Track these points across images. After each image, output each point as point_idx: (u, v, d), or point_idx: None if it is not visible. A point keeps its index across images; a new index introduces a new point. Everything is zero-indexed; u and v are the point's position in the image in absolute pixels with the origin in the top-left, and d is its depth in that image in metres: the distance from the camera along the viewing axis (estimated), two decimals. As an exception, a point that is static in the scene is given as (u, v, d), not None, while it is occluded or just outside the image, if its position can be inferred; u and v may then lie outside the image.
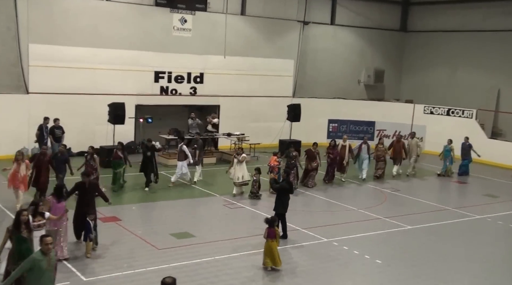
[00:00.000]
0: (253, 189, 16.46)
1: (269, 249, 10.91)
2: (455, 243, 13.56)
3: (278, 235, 11.06)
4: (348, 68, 29.59)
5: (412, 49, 31.24)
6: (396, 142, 21.00)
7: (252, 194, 16.44)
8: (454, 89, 28.85)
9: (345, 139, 19.80)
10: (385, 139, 22.57)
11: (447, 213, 16.14)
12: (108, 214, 14.12)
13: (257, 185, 16.45)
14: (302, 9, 26.93)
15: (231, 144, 22.80)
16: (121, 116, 19.74)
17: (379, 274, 11.30)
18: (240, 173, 16.49)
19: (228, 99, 24.48)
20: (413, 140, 21.44)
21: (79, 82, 21.07)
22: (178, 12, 23.39)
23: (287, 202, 12.95)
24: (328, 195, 17.56)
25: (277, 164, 17.14)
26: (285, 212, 12.87)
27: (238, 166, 16.54)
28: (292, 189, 13.35)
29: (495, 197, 18.65)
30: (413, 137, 21.75)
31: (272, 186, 13.99)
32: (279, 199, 12.90)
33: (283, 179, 13.64)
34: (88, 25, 21.44)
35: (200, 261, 11.24)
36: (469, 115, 25.47)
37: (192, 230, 13.26)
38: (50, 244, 7.84)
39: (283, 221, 12.87)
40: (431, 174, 21.65)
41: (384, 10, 30.57)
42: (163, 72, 23.14)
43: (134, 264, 10.94)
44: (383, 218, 15.21)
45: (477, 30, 27.99)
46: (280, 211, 12.79)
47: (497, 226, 15.13)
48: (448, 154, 21.17)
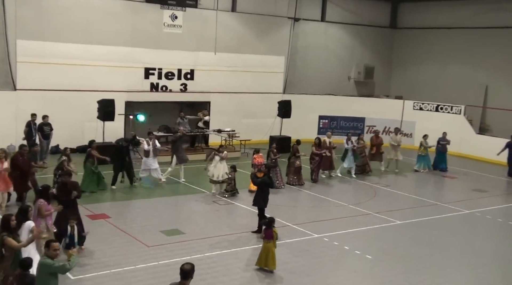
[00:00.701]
0: (229, 187, 16.26)
1: (265, 250, 10.78)
2: (445, 237, 13.65)
3: (275, 237, 10.87)
4: (338, 64, 29.67)
5: (401, 46, 31.38)
6: (375, 138, 21.03)
7: (228, 192, 16.23)
8: (443, 85, 29.04)
9: (329, 135, 19.76)
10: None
11: (437, 208, 16.26)
12: (97, 212, 14.09)
13: (233, 183, 16.27)
14: (293, 6, 26.93)
15: (222, 140, 22.79)
16: (110, 112, 19.65)
17: (370, 269, 11.36)
18: (221, 171, 16.30)
19: (219, 95, 24.43)
20: (397, 136, 21.56)
21: (68, 79, 20.92)
22: (168, 9, 23.29)
23: (267, 196, 13.02)
24: (318, 191, 17.60)
25: (262, 162, 17.03)
26: (265, 207, 12.94)
27: (220, 163, 16.39)
28: (272, 184, 13.42)
29: (484, 192, 18.80)
30: (397, 133, 21.87)
31: (253, 181, 14.00)
32: (260, 193, 12.95)
33: (264, 174, 13.64)
34: (77, 21, 21.28)
35: (191, 258, 11.19)
36: (458, 111, 25.64)
37: (182, 227, 13.25)
38: (58, 250, 7.65)
39: (263, 216, 12.87)
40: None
41: (374, 7, 30.66)
42: (154, 69, 23.04)
43: (124, 261, 10.91)
44: (373, 213, 15.28)
45: (466, 27, 28.17)
46: (261, 206, 12.89)
47: (486, 221, 15.27)
48: (426, 149, 21.45)
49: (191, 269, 7.09)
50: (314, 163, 18.70)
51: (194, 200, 15.93)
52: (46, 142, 18.99)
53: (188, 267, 7.08)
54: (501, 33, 26.76)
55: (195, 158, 20.78)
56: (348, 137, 20.02)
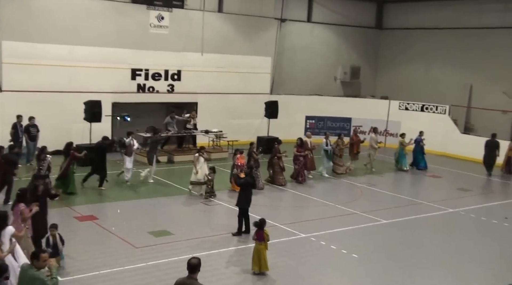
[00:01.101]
0: (208, 188, 16.15)
1: (257, 252, 10.75)
2: (430, 236, 13.85)
3: (267, 238, 10.78)
4: (324, 65, 29.86)
5: (387, 46, 31.67)
6: (355, 137, 21.23)
7: (207, 194, 16.11)
8: (428, 85, 29.35)
9: (309, 135, 19.77)
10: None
11: (422, 207, 16.46)
12: (85, 213, 14.09)
13: (212, 184, 16.18)
14: (279, 7, 27.06)
15: (209, 141, 22.85)
16: (97, 114, 19.62)
17: (356, 268, 11.51)
18: (204, 171, 16.25)
19: (206, 96, 24.49)
20: (376, 135, 21.81)
21: (55, 80, 20.85)
22: (155, 9, 23.29)
23: (250, 197, 13.08)
24: (305, 191, 17.73)
25: (244, 162, 17.01)
26: (248, 207, 13.01)
27: (204, 164, 16.34)
28: (255, 184, 13.43)
29: (468, 191, 19.07)
30: (375, 132, 22.12)
31: (236, 181, 14.06)
32: (243, 194, 13.00)
33: (247, 174, 13.68)
34: (63, 22, 21.20)
35: (179, 259, 11.26)
36: (443, 111, 25.93)
37: (170, 227, 13.30)
38: (47, 261, 7.40)
39: (246, 216, 12.98)
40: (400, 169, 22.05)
41: (360, 8, 30.90)
42: (140, 70, 23.01)
43: (112, 263, 10.94)
44: (359, 213, 15.44)
45: (450, 27, 28.50)
46: (244, 206, 12.94)
47: (470, 219, 15.50)
48: (402, 149, 21.63)
49: (198, 263, 7.25)
50: (299, 163, 18.71)
51: (182, 201, 15.98)
52: (33, 143, 18.91)
53: (195, 261, 7.24)
54: (484, 33, 27.12)
55: (183, 159, 20.84)
56: (326, 136, 20.11)
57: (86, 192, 16.18)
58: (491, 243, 13.49)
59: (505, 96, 26.55)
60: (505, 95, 26.56)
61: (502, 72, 26.70)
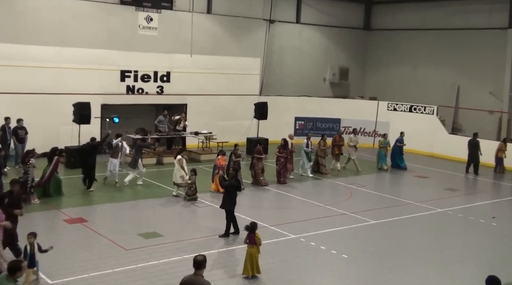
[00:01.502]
0: (190, 191, 15.97)
1: (250, 256, 10.61)
2: (419, 236, 13.97)
3: (258, 242, 10.61)
4: (313, 66, 29.98)
5: (375, 47, 31.86)
6: (338, 137, 21.33)
7: (188, 197, 15.93)
8: (416, 86, 29.60)
9: (291, 136, 19.66)
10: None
11: (410, 207, 16.59)
12: (74, 216, 14.04)
13: (194, 187, 16.01)
14: (268, 8, 27.13)
15: (199, 142, 22.84)
16: (86, 115, 19.54)
17: (346, 269, 11.58)
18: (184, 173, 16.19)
19: (195, 97, 24.48)
20: (355, 136, 21.86)
21: (43, 82, 20.74)
22: (143, 11, 23.27)
23: (235, 199, 13.04)
24: (294, 192, 17.80)
25: (224, 164, 16.94)
26: (233, 209, 12.99)
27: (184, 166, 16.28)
28: (240, 187, 13.36)
29: (455, 191, 19.24)
30: (356, 133, 22.19)
31: (221, 183, 14.03)
32: (228, 196, 12.97)
33: (232, 176, 13.63)
34: (52, 24, 21.13)
35: (169, 261, 11.30)
36: (431, 111, 26.13)
37: (160, 229, 13.29)
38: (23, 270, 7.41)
39: (233, 218, 12.98)
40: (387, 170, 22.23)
41: (348, 9, 31.06)
42: (129, 71, 22.94)
43: (102, 265, 10.91)
44: (348, 213, 15.52)
45: (438, 28, 28.76)
46: (229, 208, 12.93)
47: (457, 219, 15.64)
48: (385, 147, 21.85)
49: (203, 259, 7.33)
50: (280, 164, 18.73)
51: (172, 202, 15.95)
52: (21, 146, 18.81)
53: (200, 258, 7.32)
54: (471, 34, 27.40)
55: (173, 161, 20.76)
56: (307, 137, 20.14)
57: (75, 195, 16.10)
58: (479, 243, 13.63)
59: (492, 97, 26.84)
60: (492, 96, 26.84)
61: (489, 73, 27.00)
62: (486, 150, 22.06)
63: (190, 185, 16.00)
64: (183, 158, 16.46)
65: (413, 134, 25.65)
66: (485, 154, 22.01)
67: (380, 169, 21.87)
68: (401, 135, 22.39)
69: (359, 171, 21.27)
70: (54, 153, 15.83)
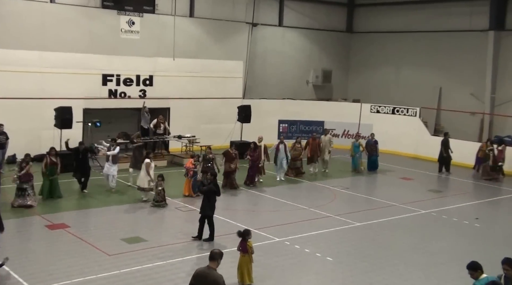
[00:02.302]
0: (158, 197, 15.56)
1: (243, 264, 10.31)
2: (403, 237, 14.02)
3: (250, 250, 10.27)
4: (296, 69, 30.06)
5: (358, 50, 32.05)
6: (312, 140, 21.15)
7: (156, 203, 15.55)
8: (398, 88, 29.84)
9: (260, 139, 19.38)
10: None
11: (394, 209, 16.65)
12: (56, 221, 13.86)
13: (162, 193, 15.60)
14: (251, 11, 27.15)
15: (182, 146, 22.71)
16: (68, 120, 19.33)
17: (331, 271, 11.56)
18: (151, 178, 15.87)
19: (178, 101, 24.34)
20: (326, 136, 21.77)
21: (24, 86, 20.46)
22: (125, 14, 23.14)
23: (214, 204, 12.89)
24: (279, 195, 17.76)
25: (192, 167, 16.73)
26: (212, 214, 12.85)
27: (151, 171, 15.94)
28: (219, 191, 13.11)
29: (439, 192, 19.40)
30: (326, 134, 22.19)
31: (199, 189, 13.89)
32: (207, 201, 12.79)
33: (210, 181, 13.20)
34: (33, 28, 20.91)
35: (153, 266, 11.19)
36: (413, 113, 26.31)
37: (144, 234, 13.17)
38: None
39: (211, 223, 12.82)
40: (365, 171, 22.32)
41: (331, 12, 31.22)
42: (112, 75, 22.74)
43: (85, 271, 10.76)
44: (333, 216, 15.54)
45: (420, 30, 29.01)
46: (208, 213, 12.77)
47: (441, 220, 15.73)
48: (357, 150, 21.74)
49: (217, 252, 7.55)
50: (251, 167, 18.55)
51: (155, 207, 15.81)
52: (2, 151, 18.57)
53: (215, 251, 7.57)
54: (452, 36, 27.70)
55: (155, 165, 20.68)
56: (280, 140, 19.93)
57: (57, 200, 15.89)
58: (463, 243, 13.72)
59: (474, 98, 27.13)
60: (474, 97, 27.14)
61: (470, 74, 27.30)
62: (469, 151, 22.24)
63: (158, 191, 15.51)
64: (150, 162, 16.03)
65: (396, 136, 25.87)
66: (467, 155, 22.20)
67: (355, 171, 21.72)
68: (372, 136, 22.44)
69: (326, 172, 21.18)
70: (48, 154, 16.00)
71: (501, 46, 26.25)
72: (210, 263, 7.42)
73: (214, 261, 7.42)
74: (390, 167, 23.16)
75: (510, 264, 7.79)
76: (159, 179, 15.53)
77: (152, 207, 15.53)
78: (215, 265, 7.39)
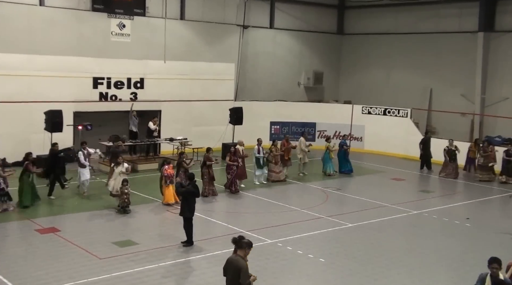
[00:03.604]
0: (124, 203, 15.02)
1: None
2: (395, 238, 14.05)
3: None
4: (288, 70, 30.10)
5: (349, 51, 32.14)
6: (286, 142, 20.40)
7: (121, 209, 15.04)
8: (389, 89, 29.94)
9: (241, 143, 18.80)
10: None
11: (386, 210, 16.68)
12: (46, 225, 13.76)
13: (127, 198, 15.07)
14: (241, 13, 27.15)
15: (174, 149, 22.66)
16: (58, 123, 19.21)
17: (323, 273, 11.55)
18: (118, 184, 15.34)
19: (170, 104, 24.28)
20: (301, 139, 21.21)
21: (14, 90, 20.33)
22: (116, 17, 23.05)
23: (194, 206, 12.67)
24: (271, 196, 17.74)
25: (173, 173, 16.07)
26: (192, 216, 12.63)
27: (120, 176, 15.41)
28: (198, 193, 12.93)
29: (430, 193, 19.46)
30: (303, 135, 21.67)
31: (177, 190, 13.70)
32: (185, 203, 12.58)
33: (189, 183, 13.03)
34: (22, 31, 20.77)
35: (143, 269, 11.13)
36: (404, 114, 26.40)
37: (135, 237, 13.11)
38: None
39: (190, 226, 12.63)
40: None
41: (321, 14, 31.29)
42: (102, 78, 22.65)
43: (75, 275, 10.69)
44: (325, 217, 15.54)
45: (410, 32, 29.13)
46: (187, 215, 12.58)
47: (432, 220, 15.78)
48: (328, 153, 21.22)
49: (247, 241, 7.94)
50: (232, 173, 17.83)
51: (146, 209, 15.76)
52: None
53: (245, 240, 7.95)
54: (441, 37, 27.84)
55: (147, 168, 20.65)
56: (258, 142, 19.40)
57: (46, 204, 15.80)
58: (454, 243, 13.76)
59: (464, 99, 27.27)
60: (464, 98, 27.28)
61: (460, 75, 27.44)
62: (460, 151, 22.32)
63: (123, 197, 15.00)
64: (115, 167, 15.53)
65: (387, 137, 25.94)
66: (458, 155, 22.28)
67: (327, 175, 21.17)
68: (345, 138, 22.38)
69: (301, 175, 20.81)
70: (27, 158, 15.67)
71: (490, 47, 26.41)
72: (239, 251, 7.90)
73: (242, 250, 7.88)
74: (382, 168, 23.23)
75: (499, 263, 7.83)
76: (124, 184, 15.01)
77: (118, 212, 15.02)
78: (242, 253, 7.87)
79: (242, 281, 7.66)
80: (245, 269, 7.72)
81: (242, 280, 7.66)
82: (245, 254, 7.89)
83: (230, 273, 7.81)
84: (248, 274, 7.75)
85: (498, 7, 26.30)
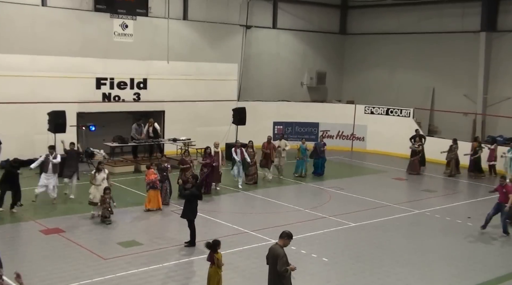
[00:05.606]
0: (107, 212, 14.24)
1: (208, 275, 9.45)
2: (397, 237, 14.08)
3: (217, 263, 9.36)
4: (291, 71, 30.14)
5: (352, 51, 32.17)
6: (267, 143, 20.09)
7: (104, 219, 14.23)
8: (392, 89, 29.96)
9: (216, 144, 18.39)
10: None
11: (389, 209, 16.71)
12: (51, 226, 13.83)
13: (109, 207, 14.31)
14: (244, 14, 27.20)
15: (177, 149, 22.71)
16: (62, 124, 19.26)
17: (327, 272, 11.60)
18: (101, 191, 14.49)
19: (173, 104, 24.34)
20: (281, 141, 20.88)
21: (17, 91, 20.40)
22: (118, 18, 23.12)
23: (196, 208, 12.75)
24: (275, 197, 17.79)
25: (156, 177, 15.49)
26: (194, 218, 12.70)
27: (103, 183, 14.62)
28: (201, 195, 12.90)
29: (432, 192, 19.47)
30: (281, 138, 21.39)
31: (181, 193, 13.70)
32: (188, 205, 12.64)
33: (193, 185, 13.03)
34: (25, 32, 20.86)
35: (148, 269, 11.19)
36: (407, 114, 26.41)
37: (140, 238, 13.16)
38: None
39: (193, 228, 12.68)
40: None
41: (324, 14, 31.33)
42: (105, 79, 22.71)
43: (80, 275, 10.76)
44: (328, 216, 15.59)
45: (412, 32, 29.15)
46: (189, 217, 12.67)
47: (435, 220, 15.81)
48: (304, 153, 20.83)
49: (288, 232, 8.52)
50: (202, 174, 17.18)
51: (152, 210, 15.79)
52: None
53: (286, 231, 8.54)
54: (444, 37, 27.86)
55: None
56: (236, 145, 19.10)
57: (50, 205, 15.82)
58: (456, 243, 13.79)
59: (466, 99, 27.27)
60: (466, 98, 27.28)
61: (463, 75, 27.46)
62: (462, 151, 22.33)
63: (104, 205, 14.26)
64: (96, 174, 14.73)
65: (390, 136, 25.95)
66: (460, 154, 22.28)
67: (299, 176, 20.81)
68: (321, 139, 22.28)
69: (280, 178, 20.36)
70: None
71: (492, 47, 26.42)
72: (279, 241, 8.48)
73: (282, 239, 8.46)
74: (384, 168, 23.25)
75: None
76: (106, 192, 14.30)
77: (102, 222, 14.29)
78: (281, 242, 8.44)
79: (279, 268, 8.19)
80: (282, 256, 8.24)
81: (279, 266, 8.19)
82: (284, 243, 8.44)
83: (270, 260, 8.46)
84: (285, 262, 8.24)
85: (500, 7, 26.31)
